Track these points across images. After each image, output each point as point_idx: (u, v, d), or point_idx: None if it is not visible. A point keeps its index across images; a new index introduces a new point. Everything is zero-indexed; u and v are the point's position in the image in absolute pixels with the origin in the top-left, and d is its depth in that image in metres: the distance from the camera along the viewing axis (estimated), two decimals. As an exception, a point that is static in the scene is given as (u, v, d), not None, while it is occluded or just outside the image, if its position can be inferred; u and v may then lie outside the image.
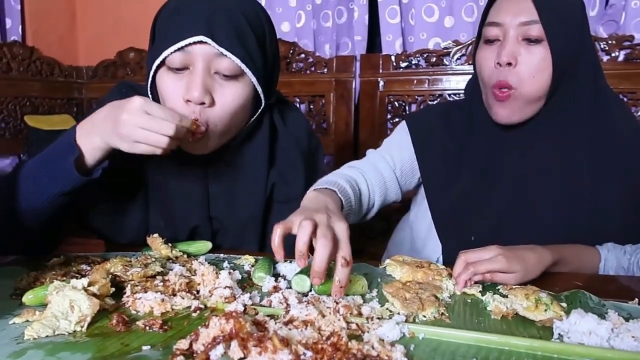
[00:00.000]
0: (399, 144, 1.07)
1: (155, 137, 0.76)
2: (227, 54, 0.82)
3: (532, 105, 0.91)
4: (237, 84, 0.86)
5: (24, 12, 2.34)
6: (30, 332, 0.58)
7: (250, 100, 0.90)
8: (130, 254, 0.87)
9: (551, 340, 0.58)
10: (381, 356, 0.53)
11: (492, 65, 0.91)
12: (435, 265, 0.78)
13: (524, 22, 0.87)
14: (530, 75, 0.87)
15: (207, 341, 0.54)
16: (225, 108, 0.85)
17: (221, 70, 0.84)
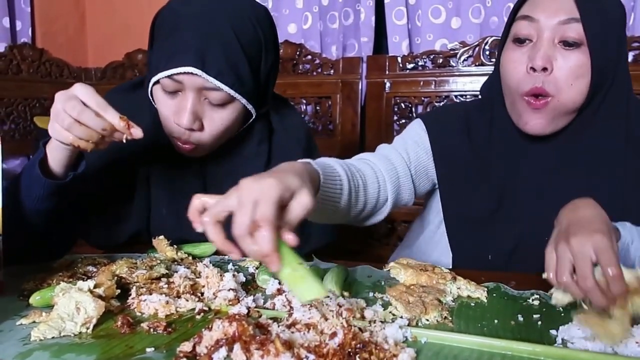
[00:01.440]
0: (416, 142, 0.98)
1: (80, 128, 0.71)
2: (218, 84, 0.82)
3: (567, 116, 0.83)
4: (226, 109, 0.86)
5: (34, 14, 2.37)
6: (37, 334, 0.58)
7: (242, 117, 0.91)
8: (136, 255, 0.87)
9: (554, 346, 0.57)
10: (391, 350, 0.53)
11: (523, 70, 0.81)
12: (440, 269, 0.78)
13: (562, 20, 0.78)
14: (568, 83, 0.79)
15: (210, 344, 0.54)
16: (214, 132, 0.87)
17: (211, 99, 0.84)
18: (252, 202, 0.51)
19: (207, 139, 0.87)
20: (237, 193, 0.54)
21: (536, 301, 0.70)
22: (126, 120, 0.72)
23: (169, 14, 0.88)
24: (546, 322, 0.64)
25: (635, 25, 1.76)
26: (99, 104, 0.71)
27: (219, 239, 0.54)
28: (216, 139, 0.89)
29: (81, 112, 0.70)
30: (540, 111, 0.82)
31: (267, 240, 0.50)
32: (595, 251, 0.57)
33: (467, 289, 0.73)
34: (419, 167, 0.98)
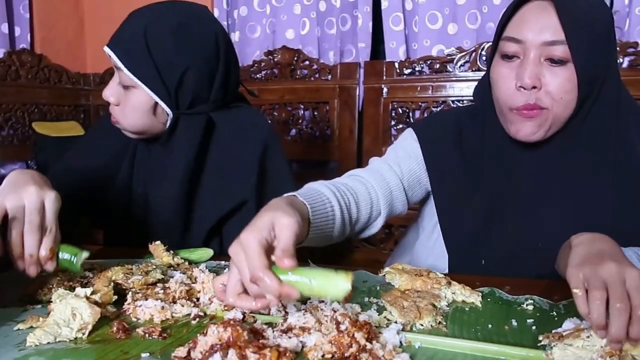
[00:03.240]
0: (407, 152, 1.00)
1: (16, 222, 0.67)
2: (120, 65, 0.97)
3: (556, 125, 0.84)
4: (133, 92, 0.99)
5: (33, 20, 2.38)
6: (32, 339, 0.59)
7: (151, 109, 1.00)
8: (133, 260, 0.88)
9: (546, 350, 0.58)
10: (385, 356, 0.54)
11: (512, 86, 0.83)
12: (434, 274, 0.78)
13: (547, 42, 0.79)
14: (558, 97, 0.81)
15: (204, 349, 0.55)
16: (123, 110, 1.01)
17: (121, 81, 0.99)
18: (243, 263, 0.57)
19: (120, 116, 1.01)
20: (231, 263, 0.60)
21: (530, 306, 0.71)
22: (52, 253, 0.69)
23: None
24: (540, 327, 0.64)
25: (630, 30, 1.77)
26: (51, 224, 0.69)
27: (250, 307, 0.59)
28: (128, 120, 1.01)
29: (33, 231, 0.67)
30: (532, 119, 0.83)
31: (268, 284, 0.55)
32: (629, 286, 0.54)
33: (462, 294, 0.74)
34: (411, 178, 0.99)
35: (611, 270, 0.56)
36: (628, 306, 0.52)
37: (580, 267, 0.59)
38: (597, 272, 0.56)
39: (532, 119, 0.83)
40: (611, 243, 0.64)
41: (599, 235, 0.66)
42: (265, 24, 2.29)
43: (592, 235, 0.66)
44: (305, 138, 2.22)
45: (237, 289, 0.60)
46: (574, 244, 0.65)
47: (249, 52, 2.30)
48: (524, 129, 0.84)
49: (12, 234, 0.66)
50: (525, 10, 0.82)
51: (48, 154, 2.17)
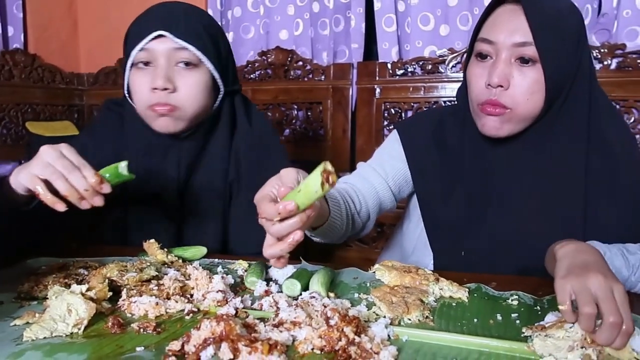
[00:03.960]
0: (391, 154, 1.05)
1: (52, 172, 0.74)
2: (185, 44, 0.95)
3: (523, 123, 0.88)
4: (196, 71, 0.98)
5: (26, 20, 2.38)
6: (29, 334, 0.60)
7: (210, 87, 1.01)
8: (127, 258, 0.89)
9: (528, 342, 0.60)
10: (373, 349, 0.55)
11: (482, 84, 0.87)
12: (423, 270, 0.80)
13: (518, 43, 0.83)
14: (523, 98, 0.84)
15: (198, 342, 0.56)
16: (188, 92, 0.97)
17: (181, 60, 0.96)
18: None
19: (183, 100, 0.97)
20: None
21: (515, 301, 0.73)
22: (99, 177, 0.76)
23: (138, 17, 1.03)
24: (524, 321, 0.66)
25: (618, 32, 1.80)
26: (80, 162, 0.77)
27: (283, 247, 0.65)
28: (191, 102, 0.98)
29: (72, 170, 0.75)
30: (497, 117, 0.87)
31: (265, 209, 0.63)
32: (617, 301, 0.56)
33: (449, 290, 0.75)
34: (397, 177, 1.04)
35: (600, 284, 0.57)
36: (620, 320, 0.54)
37: (566, 279, 0.60)
38: (586, 284, 0.57)
39: (497, 117, 0.87)
40: (595, 254, 0.66)
41: (582, 246, 0.68)
42: (259, 25, 2.30)
43: (576, 245, 0.68)
44: (299, 138, 2.23)
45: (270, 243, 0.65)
46: (558, 257, 0.67)
47: (242, 52, 2.31)
48: (488, 123, 0.88)
49: (60, 186, 0.74)
50: (497, 14, 0.87)
51: (42, 153, 2.18)
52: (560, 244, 0.70)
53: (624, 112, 1.81)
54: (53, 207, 0.74)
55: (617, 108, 1.00)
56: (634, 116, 1.80)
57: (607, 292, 0.56)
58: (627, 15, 1.78)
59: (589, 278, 0.58)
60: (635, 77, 1.76)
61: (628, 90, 1.78)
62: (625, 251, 0.78)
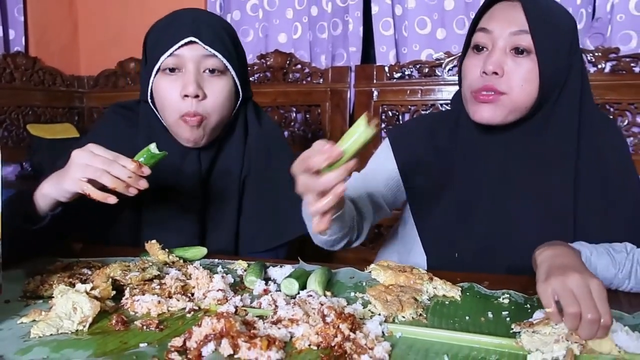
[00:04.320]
0: (384, 164, 1.06)
1: (95, 170, 0.80)
2: (214, 52, 0.97)
3: (516, 112, 0.89)
4: (222, 79, 1.00)
5: (27, 23, 2.40)
6: (36, 331, 0.62)
7: (234, 95, 1.04)
8: (129, 259, 0.91)
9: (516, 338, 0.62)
10: (368, 345, 0.58)
11: (477, 73, 0.89)
12: (418, 270, 0.83)
13: (514, 31, 0.86)
14: (518, 85, 0.86)
15: (199, 339, 0.58)
16: (215, 99, 0.99)
17: (209, 67, 0.98)
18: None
19: (211, 108, 0.99)
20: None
21: (506, 300, 0.75)
22: (137, 162, 0.82)
23: (160, 23, 1.03)
24: (514, 318, 0.68)
25: (612, 37, 1.83)
26: (113, 155, 0.82)
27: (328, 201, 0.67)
28: (218, 110, 1.00)
29: (111, 164, 0.80)
30: (493, 103, 0.88)
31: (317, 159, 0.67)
32: (595, 296, 0.58)
33: (443, 289, 0.78)
34: (390, 184, 1.05)
35: (577, 281, 0.60)
36: (599, 316, 0.57)
37: (547, 282, 0.63)
38: (565, 284, 0.60)
39: (493, 103, 0.88)
40: (571, 255, 0.70)
41: (560, 250, 0.72)
42: (258, 28, 2.32)
43: (554, 250, 0.72)
44: (298, 140, 2.26)
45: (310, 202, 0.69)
46: (538, 262, 0.71)
47: (242, 55, 2.33)
48: (481, 111, 0.89)
49: (107, 181, 0.80)
50: (495, 8, 0.91)
51: (43, 155, 2.20)
52: (540, 249, 0.74)
53: (617, 115, 1.83)
54: (105, 201, 0.80)
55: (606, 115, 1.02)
56: (627, 119, 1.82)
57: (584, 290, 0.59)
58: (620, 19, 1.81)
59: (567, 278, 0.61)
60: (628, 81, 1.79)
61: (621, 93, 1.81)
62: (611, 250, 0.80)
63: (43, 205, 0.87)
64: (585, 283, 0.60)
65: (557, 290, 0.61)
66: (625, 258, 0.79)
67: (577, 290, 0.59)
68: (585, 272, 0.63)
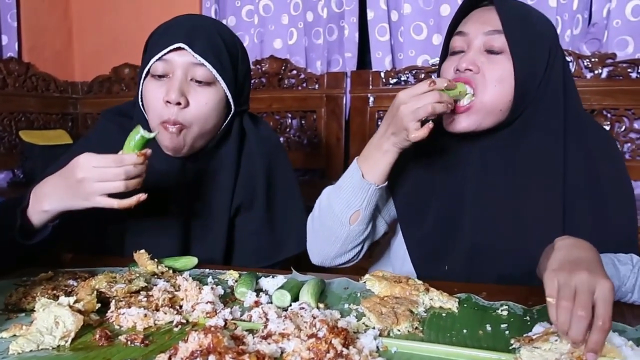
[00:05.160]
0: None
1: (115, 184, 0.81)
2: (203, 61, 0.94)
3: (489, 117, 0.87)
4: (209, 90, 0.97)
5: (21, 29, 2.38)
6: (15, 347, 0.60)
7: (222, 107, 1.00)
8: (117, 269, 0.89)
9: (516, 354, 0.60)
10: None
11: (451, 73, 0.89)
12: (413, 281, 0.80)
13: (487, 31, 0.86)
14: (492, 84, 0.85)
15: (185, 355, 0.56)
16: (199, 109, 0.96)
17: (196, 77, 0.95)
18: None
19: (193, 117, 0.95)
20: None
21: (505, 311, 0.73)
22: (141, 154, 0.83)
23: (161, 26, 1.01)
24: (513, 331, 0.66)
25: (609, 42, 1.82)
26: (114, 158, 0.82)
27: None
28: (200, 121, 0.96)
29: (125, 171, 0.81)
30: (462, 113, 0.87)
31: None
32: (598, 296, 0.56)
33: (440, 300, 0.75)
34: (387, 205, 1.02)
35: (582, 279, 0.57)
36: (589, 315, 0.54)
37: (556, 272, 0.60)
38: (570, 280, 0.58)
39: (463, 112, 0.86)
40: (591, 251, 0.66)
41: (581, 242, 0.68)
42: (254, 34, 2.31)
43: (575, 241, 0.68)
44: (293, 146, 2.24)
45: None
46: (555, 247, 0.67)
47: (237, 61, 2.32)
48: (454, 123, 0.87)
49: (130, 186, 0.82)
50: (472, 14, 0.91)
51: (35, 162, 2.17)
52: (561, 238, 0.70)
53: (614, 120, 1.82)
54: (138, 202, 0.83)
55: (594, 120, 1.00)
56: (625, 125, 1.81)
57: (585, 288, 0.56)
58: (617, 25, 1.81)
59: (575, 274, 0.58)
60: (625, 86, 1.78)
61: (618, 99, 1.80)
62: (616, 261, 0.78)
63: (41, 220, 0.86)
64: (590, 282, 0.57)
65: (561, 283, 0.58)
66: (630, 271, 0.77)
67: (579, 287, 0.57)
68: (597, 272, 0.59)
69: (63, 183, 0.84)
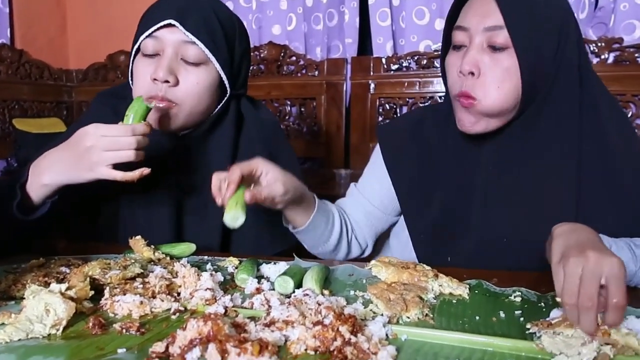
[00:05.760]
0: (379, 176, 1.03)
1: (126, 153, 0.80)
2: (194, 39, 0.91)
3: (498, 117, 0.85)
4: (201, 70, 0.93)
5: (13, 15, 2.33)
6: (2, 336, 0.56)
7: (215, 87, 0.97)
8: (112, 256, 0.85)
9: (534, 341, 0.57)
10: (371, 349, 0.52)
11: (456, 73, 0.85)
12: (421, 267, 0.77)
13: (489, 27, 0.81)
14: (494, 86, 0.81)
15: (183, 343, 0.53)
16: (189, 88, 0.92)
17: (187, 56, 0.92)
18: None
19: (182, 96, 0.92)
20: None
21: (518, 298, 0.70)
22: (147, 123, 0.85)
23: (155, 3, 0.98)
24: (528, 318, 0.63)
25: (615, 26, 1.78)
26: (126, 129, 0.81)
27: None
28: (190, 100, 0.93)
29: (138, 141, 0.81)
30: (469, 110, 0.84)
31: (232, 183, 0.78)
32: (608, 275, 0.53)
33: (449, 286, 0.72)
34: (389, 197, 1.02)
35: (589, 265, 0.54)
36: (595, 303, 0.52)
37: (559, 264, 0.57)
38: (576, 268, 0.55)
39: (468, 110, 0.84)
40: (588, 232, 0.63)
41: (577, 225, 0.65)
42: (252, 20, 2.26)
43: (571, 225, 0.65)
44: (293, 134, 2.20)
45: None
46: (554, 235, 0.64)
47: (234, 47, 2.27)
48: (463, 119, 0.86)
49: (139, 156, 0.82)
50: (471, 1, 0.85)
51: (29, 150, 2.13)
52: (557, 225, 0.67)
53: (621, 106, 1.79)
54: (141, 176, 0.81)
55: (617, 102, 0.95)
56: (632, 110, 1.78)
57: (589, 274, 0.54)
58: (624, 8, 1.77)
59: (578, 258, 0.55)
60: (632, 72, 1.75)
61: (625, 84, 1.76)
62: (632, 245, 0.75)
63: (40, 195, 0.83)
64: (597, 264, 0.54)
65: (567, 273, 0.55)
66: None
67: (584, 274, 0.54)
68: (601, 250, 0.56)
69: (67, 154, 0.82)
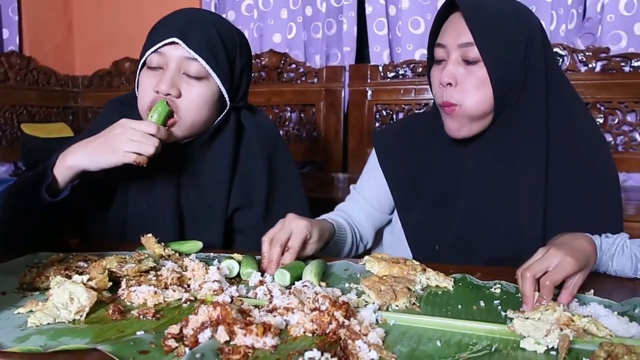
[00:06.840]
0: (376, 179, 1.13)
1: (146, 146, 0.90)
2: (196, 56, 0.97)
3: (478, 121, 0.94)
4: (202, 84, 0.99)
5: (22, 23, 2.40)
6: (33, 320, 0.63)
7: (216, 100, 1.03)
8: (126, 253, 0.92)
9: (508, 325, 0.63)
10: (362, 331, 0.59)
11: (437, 86, 0.95)
12: (411, 262, 0.84)
13: (462, 43, 0.90)
14: (472, 91, 0.91)
15: (196, 326, 0.59)
16: (190, 101, 0.99)
17: (189, 71, 0.98)
18: (288, 230, 0.87)
19: (183, 109, 0.98)
20: (284, 221, 0.89)
21: (498, 290, 0.76)
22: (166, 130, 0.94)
23: (161, 19, 1.04)
24: (505, 306, 0.69)
25: (602, 36, 1.85)
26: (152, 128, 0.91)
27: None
28: (191, 112, 0.99)
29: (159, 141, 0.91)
30: (452, 116, 0.94)
31: (288, 259, 0.85)
32: (557, 265, 0.68)
33: (436, 279, 0.79)
34: (387, 197, 1.13)
35: (547, 254, 0.70)
36: (532, 276, 0.68)
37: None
38: (537, 255, 0.72)
39: (452, 116, 0.94)
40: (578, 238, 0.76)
41: (577, 234, 0.78)
42: (253, 28, 2.34)
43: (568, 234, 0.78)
44: (292, 139, 2.27)
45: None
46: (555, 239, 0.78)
47: (236, 55, 2.34)
48: (449, 125, 0.96)
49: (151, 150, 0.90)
50: (449, 20, 0.94)
51: (37, 155, 2.19)
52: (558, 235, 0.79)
53: (607, 113, 1.86)
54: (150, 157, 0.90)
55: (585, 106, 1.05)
56: (618, 117, 1.85)
57: (542, 259, 0.70)
58: (610, 19, 1.84)
59: (546, 249, 0.71)
60: (618, 80, 1.82)
61: (612, 92, 1.83)
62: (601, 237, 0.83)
63: (64, 177, 0.91)
64: (555, 256, 0.69)
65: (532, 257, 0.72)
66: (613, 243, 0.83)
67: (539, 259, 0.70)
68: (569, 250, 0.70)
69: (95, 140, 0.91)
